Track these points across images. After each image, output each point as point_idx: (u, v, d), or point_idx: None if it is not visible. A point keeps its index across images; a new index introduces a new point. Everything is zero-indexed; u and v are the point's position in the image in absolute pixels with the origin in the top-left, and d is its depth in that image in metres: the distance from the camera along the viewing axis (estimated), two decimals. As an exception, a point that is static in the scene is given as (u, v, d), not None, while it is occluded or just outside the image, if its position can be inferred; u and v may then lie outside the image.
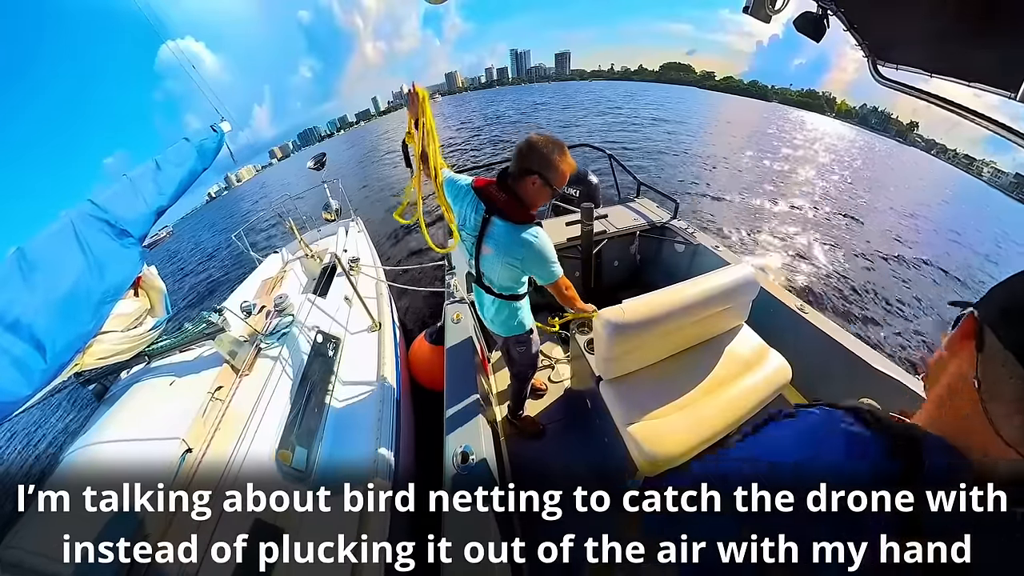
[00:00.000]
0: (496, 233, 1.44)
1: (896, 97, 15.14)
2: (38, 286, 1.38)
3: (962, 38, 1.02)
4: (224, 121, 2.67)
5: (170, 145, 2.38)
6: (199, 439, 1.66)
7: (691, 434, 1.55)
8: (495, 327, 1.80)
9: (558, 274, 1.48)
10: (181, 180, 2.19)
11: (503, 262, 1.50)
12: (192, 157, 2.33)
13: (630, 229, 3.10)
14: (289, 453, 1.81)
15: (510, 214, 1.40)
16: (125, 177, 2.02)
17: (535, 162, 1.31)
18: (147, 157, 2.23)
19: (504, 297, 1.65)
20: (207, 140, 2.47)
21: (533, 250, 1.40)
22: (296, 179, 31.19)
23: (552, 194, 1.40)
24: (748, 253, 7.14)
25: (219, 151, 2.56)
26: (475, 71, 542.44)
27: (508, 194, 1.39)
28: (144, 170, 2.11)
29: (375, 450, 1.94)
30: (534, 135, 1.35)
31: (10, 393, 1.22)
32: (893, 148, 50.76)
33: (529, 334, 1.85)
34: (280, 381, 2.02)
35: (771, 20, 1.41)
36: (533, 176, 1.32)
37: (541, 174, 1.31)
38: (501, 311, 1.71)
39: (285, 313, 2.46)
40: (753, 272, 1.87)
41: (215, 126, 2.61)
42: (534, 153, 1.31)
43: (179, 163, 2.25)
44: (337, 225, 4.36)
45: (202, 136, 2.50)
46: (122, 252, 1.75)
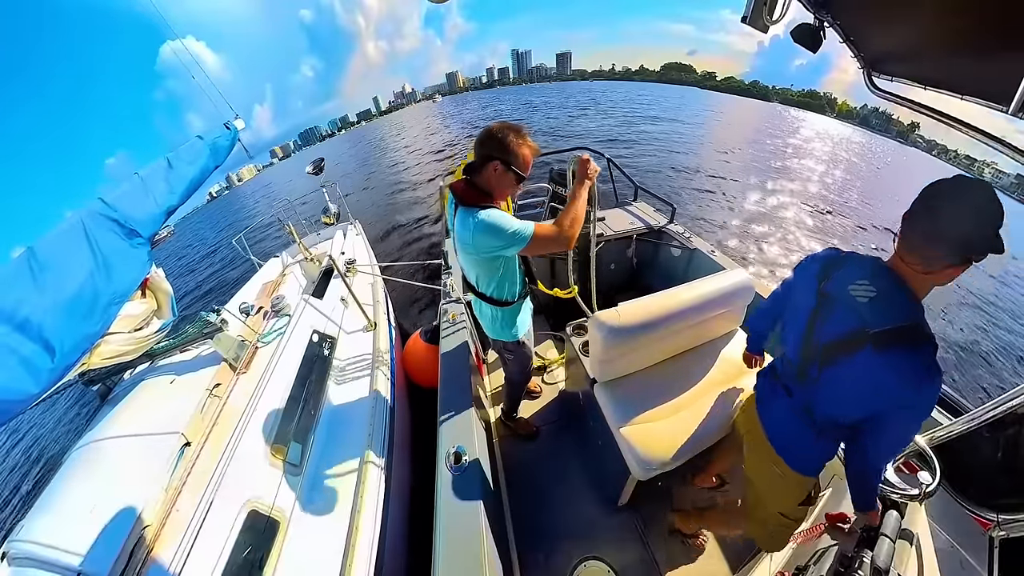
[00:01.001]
0: (456, 225, 1.41)
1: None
2: (47, 286, 1.37)
3: (955, 52, 1.03)
4: (238, 119, 2.66)
5: (176, 144, 2.37)
6: (197, 434, 1.68)
7: (685, 438, 1.56)
8: (485, 329, 1.81)
9: (528, 230, 1.31)
10: (193, 178, 2.16)
11: (463, 253, 1.48)
12: (205, 155, 2.31)
13: (627, 232, 3.11)
14: (284, 448, 1.83)
15: (465, 199, 1.36)
16: (136, 175, 1.98)
17: (492, 148, 1.31)
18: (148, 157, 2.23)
19: (490, 301, 1.63)
20: (220, 137, 2.46)
21: (481, 226, 1.31)
22: (296, 179, 31.23)
23: (518, 179, 1.35)
24: (744, 257, 7.16)
25: (232, 148, 2.55)
26: (476, 71, 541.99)
27: (468, 184, 1.38)
28: (155, 168, 2.07)
29: (368, 447, 1.96)
30: (493, 124, 1.35)
31: (18, 391, 1.22)
32: (894, 149, 50.73)
33: (518, 345, 1.80)
34: (276, 379, 2.05)
35: (768, 30, 1.43)
36: (493, 162, 1.31)
37: (500, 159, 1.30)
38: (490, 315, 1.70)
39: (282, 314, 2.49)
40: (749, 277, 1.89)
41: (229, 124, 2.59)
42: (491, 140, 1.31)
43: (191, 161, 2.21)
44: (335, 228, 4.40)
45: (215, 134, 2.48)
46: (131, 253, 1.72)
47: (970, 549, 1.23)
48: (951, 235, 0.82)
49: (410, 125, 46.20)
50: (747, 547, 1.78)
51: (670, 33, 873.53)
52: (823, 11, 1.26)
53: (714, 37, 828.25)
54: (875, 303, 0.94)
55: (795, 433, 1.17)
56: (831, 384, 1.04)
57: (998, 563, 1.12)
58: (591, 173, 1.45)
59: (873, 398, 0.96)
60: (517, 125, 1.35)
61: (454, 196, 1.41)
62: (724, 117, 39.97)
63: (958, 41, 0.98)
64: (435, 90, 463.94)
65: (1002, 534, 1.15)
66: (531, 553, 1.80)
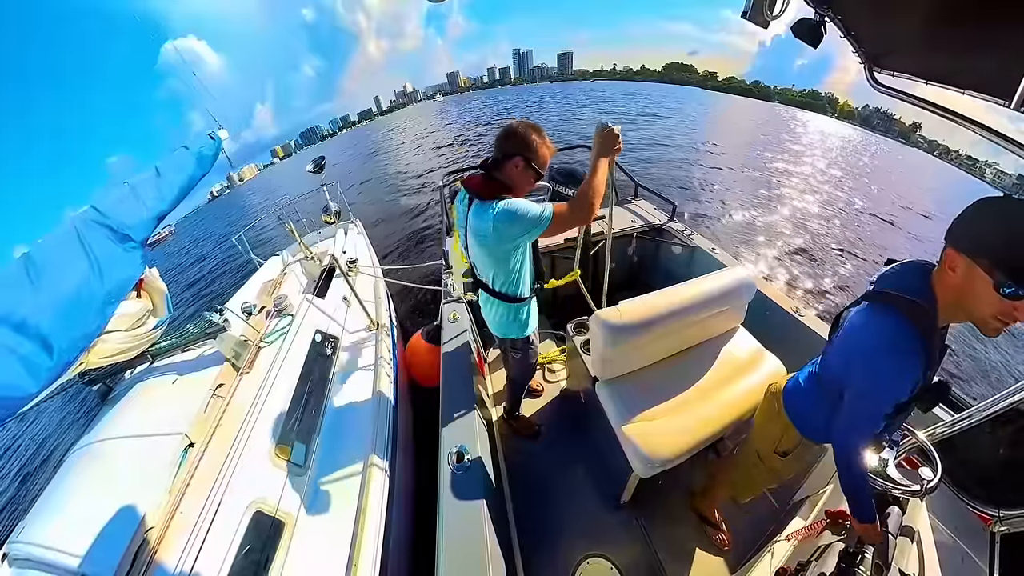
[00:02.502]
0: (470, 217, 1.41)
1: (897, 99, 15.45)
2: (44, 288, 1.43)
3: (957, 46, 1.03)
4: (222, 129, 2.75)
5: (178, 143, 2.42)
6: (201, 434, 1.68)
7: (687, 436, 1.57)
8: (492, 327, 1.80)
9: (548, 209, 1.29)
10: (181, 186, 2.25)
11: (479, 248, 1.48)
12: (191, 164, 2.39)
13: (628, 231, 3.11)
14: (288, 448, 1.83)
15: (482, 192, 1.37)
16: (126, 184, 2.08)
17: (515, 145, 1.34)
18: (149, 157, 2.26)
19: (501, 297, 1.62)
20: (205, 147, 2.54)
21: (503, 215, 1.30)
22: (297, 179, 31.28)
23: (536, 176, 1.38)
24: (745, 255, 7.16)
25: (217, 157, 2.64)
26: (477, 71, 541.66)
27: (485, 177, 1.40)
28: (145, 177, 2.17)
29: (372, 446, 1.96)
30: (513, 122, 1.38)
31: (18, 389, 1.26)
32: (896, 149, 50.65)
33: (526, 342, 1.82)
34: (280, 379, 2.05)
35: (769, 26, 1.42)
36: (515, 158, 1.34)
37: (522, 155, 1.33)
38: (498, 311, 1.70)
39: (284, 313, 2.49)
40: (750, 274, 1.88)
41: (212, 134, 2.68)
42: (515, 136, 1.34)
43: (179, 170, 2.31)
44: (336, 227, 4.39)
45: (200, 144, 2.57)
46: (124, 255, 1.79)
47: (971, 545, 1.23)
48: (960, 226, 0.83)
49: (411, 124, 46.18)
50: (749, 544, 1.78)
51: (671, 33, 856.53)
52: (824, 6, 1.26)
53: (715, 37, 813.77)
54: (894, 274, 1.00)
55: (805, 391, 1.25)
56: (835, 341, 1.12)
57: (999, 558, 1.12)
58: (616, 146, 1.34)
59: (844, 351, 1.05)
60: (537, 125, 1.37)
61: (469, 191, 1.41)
62: (724, 117, 39.89)
63: (959, 35, 0.98)
64: (436, 90, 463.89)
65: (1003, 529, 1.15)
66: (534, 551, 1.80)
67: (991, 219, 0.79)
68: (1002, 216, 0.78)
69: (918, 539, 1.12)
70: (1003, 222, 0.77)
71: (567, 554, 1.82)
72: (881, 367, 0.92)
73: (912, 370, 0.90)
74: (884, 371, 0.92)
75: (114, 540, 1.30)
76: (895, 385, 0.92)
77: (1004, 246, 0.76)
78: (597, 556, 1.80)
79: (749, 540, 1.79)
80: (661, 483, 1.97)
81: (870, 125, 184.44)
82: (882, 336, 0.92)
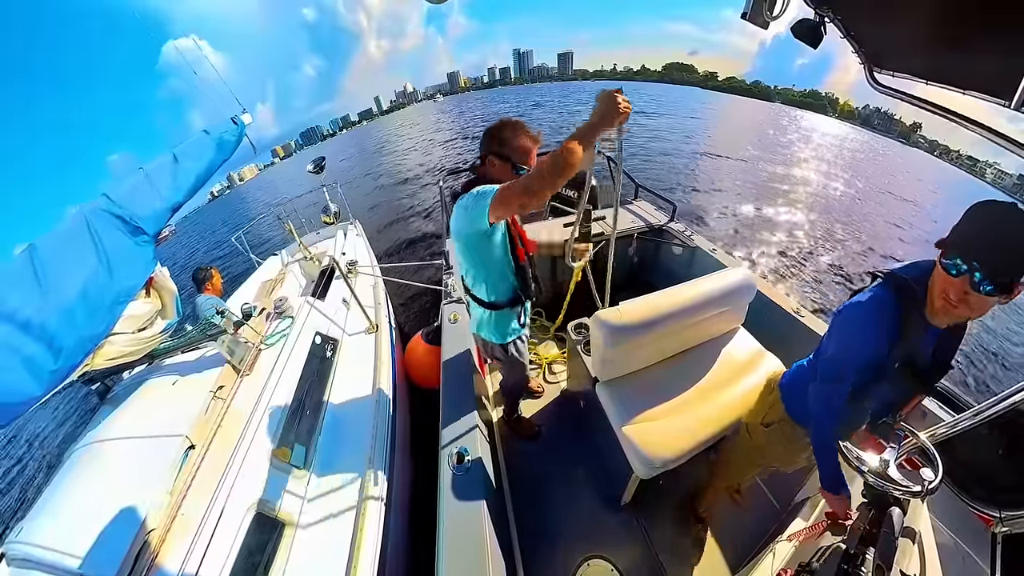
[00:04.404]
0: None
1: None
2: (50, 284, 1.32)
3: (957, 47, 1.03)
4: (246, 113, 2.59)
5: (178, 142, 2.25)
6: (202, 436, 1.68)
7: (687, 436, 1.56)
8: (470, 326, 1.79)
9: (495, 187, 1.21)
10: (199, 174, 2.09)
11: (455, 242, 1.45)
12: (211, 149, 2.23)
13: (628, 231, 3.11)
14: (288, 450, 1.83)
15: (462, 191, 1.37)
16: (141, 170, 1.91)
17: (487, 144, 1.37)
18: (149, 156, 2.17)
19: (477, 300, 1.61)
20: (227, 132, 2.39)
21: (462, 202, 1.31)
22: (298, 179, 31.27)
23: (515, 169, 1.33)
24: (745, 255, 7.15)
25: (239, 143, 2.49)
26: (478, 70, 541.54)
27: (470, 181, 1.41)
28: (161, 163, 2.00)
29: (371, 448, 1.96)
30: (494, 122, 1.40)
31: (21, 394, 1.20)
32: (896, 150, 50.60)
33: (503, 350, 1.73)
34: (280, 381, 2.05)
35: (769, 26, 1.42)
36: (490, 157, 1.36)
37: (495, 153, 1.35)
38: (475, 312, 1.69)
39: (285, 315, 2.49)
40: (750, 275, 1.88)
41: (235, 118, 2.52)
42: (487, 136, 1.38)
43: (198, 156, 2.15)
44: (336, 228, 4.39)
45: (221, 128, 2.41)
46: (136, 251, 1.67)
47: (973, 545, 1.23)
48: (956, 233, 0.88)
49: (411, 124, 46.31)
50: (750, 545, 1.78)
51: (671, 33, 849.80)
52: (823, 6, 1.26)
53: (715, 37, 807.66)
54: (902, 266, 1.05)
55: (799, 375, 1.30)
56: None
57: (1000, 559, 1.12)
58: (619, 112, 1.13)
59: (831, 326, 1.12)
60: (515, 120, 1.38)
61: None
62: (724, 117, 39.87)
63: (959, 35, 0.98)
64: (436, 90, 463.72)
65: (1004, 530, 1.15)
66: (534, 552, 1.80)
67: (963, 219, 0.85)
68: (971, 216, 0.84)
69: (919, 540, 1.11)
70: (971, 220, 0.84)
71: (567, 555, 1.81)
72: (846, 324, 1.02)
73: (876, 329, 0.96)
74: (848, 327, 1.01)
75: (115, 541, 1.29)
76: (856, 341, 1.00)
77: (959, 235, 0.84)
78: (598, 557, 1.80)
79: (750, 541, 1.79)
80: (662, 484, 1.97)
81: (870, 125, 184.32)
82: (860, 303, 1.00)
